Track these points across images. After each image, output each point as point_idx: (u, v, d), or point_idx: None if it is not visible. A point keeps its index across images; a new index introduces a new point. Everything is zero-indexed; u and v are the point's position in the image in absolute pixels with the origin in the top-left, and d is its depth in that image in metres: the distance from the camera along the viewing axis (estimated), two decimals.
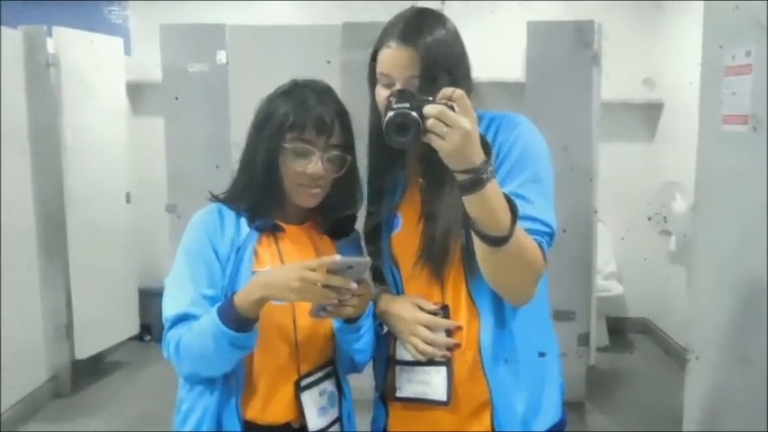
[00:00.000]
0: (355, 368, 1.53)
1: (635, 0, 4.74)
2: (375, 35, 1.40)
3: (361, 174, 1.51)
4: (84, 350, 4.00)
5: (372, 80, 1.41)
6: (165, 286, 1.42)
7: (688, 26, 3.82)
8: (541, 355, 1.42)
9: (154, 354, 4.38)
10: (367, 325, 1.43)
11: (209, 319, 1.30)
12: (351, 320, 1.39)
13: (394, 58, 1.33)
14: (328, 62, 3.23)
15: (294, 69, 1.52)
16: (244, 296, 1.29)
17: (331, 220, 1.52)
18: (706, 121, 2.31)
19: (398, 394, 1.44)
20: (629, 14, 4.75)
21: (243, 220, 1.44)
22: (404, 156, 1.45)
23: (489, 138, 1.34)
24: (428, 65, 1.31)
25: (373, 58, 1.39)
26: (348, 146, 1.46)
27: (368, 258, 1.39)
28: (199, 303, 1.36)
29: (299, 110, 1.40)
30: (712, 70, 2.24)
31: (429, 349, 1.37)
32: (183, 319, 1.35)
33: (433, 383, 1.39)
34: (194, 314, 1.35)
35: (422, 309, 1.41)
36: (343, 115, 1.45)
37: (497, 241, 1.19)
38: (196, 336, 1.32)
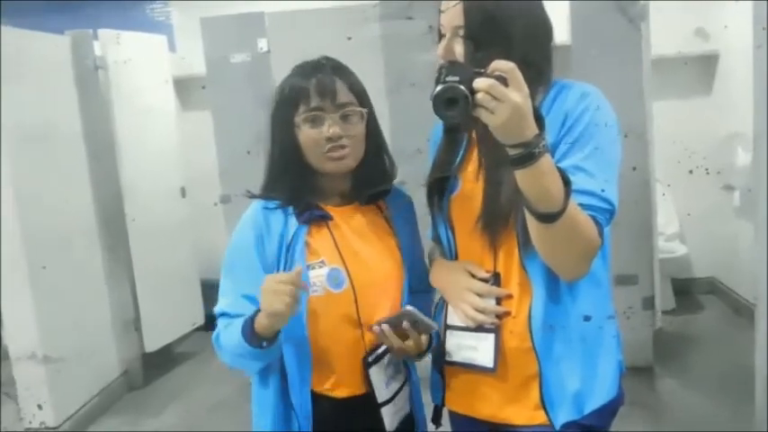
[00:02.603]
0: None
1: None
2: (412, 9, 1.39)
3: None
4: (152, 343, 4.11)
5: (438, 41, 1.41)
6: (220, 286, 1.48)
7: None
8: (587, 319, 1.37)
9: None
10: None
11: (237, 329, 1.37)
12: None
13: (444, 10, 1.35)
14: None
15: (335, 50, 1.52)
16: (258, 319, 1.34)
17: (369, 187, 1.51)
18: (760, 70, 2.21)
19: (448, 359, 1.45)
20: None
21: (291, 217, 1.45)
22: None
23: (556, 106, 1.32)
24: (472, 15, 1.31)
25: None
26: (361, 100, 1.47)
27: (435, 324, 1.42)
28: (237, 304, 1.42)
29: (299, 83, 1.44)
30: (764, 16, 2.14)
31: (479, 316, 1.38)
32: (222, 315, 1.44)
33: (480, 349, 1.39)
34: (233, 313, 1.42)
35: (473, 276, 1.41)
36: (344, 73, 1.47)
37: (549, 217, 1.17)
38: (230, 338, 1.40)
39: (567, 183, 1.17)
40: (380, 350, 1.47)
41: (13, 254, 3.26)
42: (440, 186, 1.46)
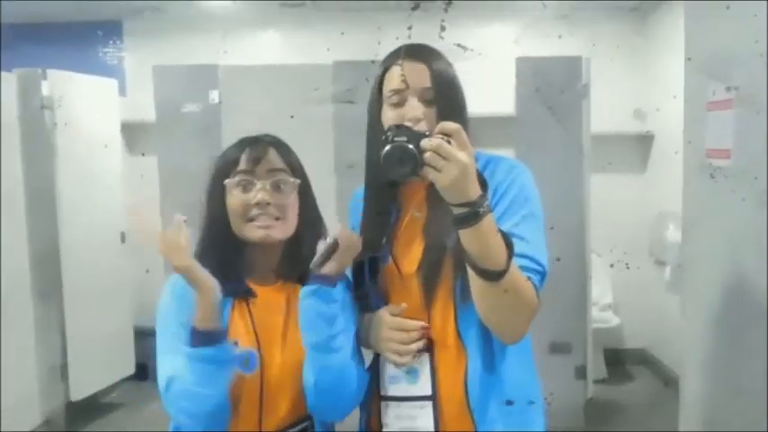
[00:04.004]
0: (335, 410, 1.45)
1: (621, 33, 4.84)
2: (365, 72, 1.43)
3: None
4: (79, 391, 3.97)
5: (374, 110, 1.43)
6: (158, 359, 1.38)
7: (675, 57, 3.88)
8: (530, 401, 1.42)
9: (149, 393, 4.33)
10: (341, 301, 1.38)
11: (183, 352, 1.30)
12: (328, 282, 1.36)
13: (404, 73, 1.37)
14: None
15: (285, 107, 1.55)
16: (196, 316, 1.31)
17: (300, 265, 1.43)
18: (690, 155, 2.33)
19: (385, 429, 1.43)
20: (617, 48, 4.81)
21: None
22: (398, 190, 1.47)
23: (486, 178, 1.36)
24: (439, 77, 1.37)
25: (378, 87, 1.43)
26: (294, 170, 1.46)
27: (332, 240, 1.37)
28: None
29: (232, 151, 1.44)
30: (695, 105, 2.27)
31: (403, 359, 1.37)
32: (172, 380, 1.32)
33: (420, 417, 1.39)
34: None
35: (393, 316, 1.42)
36: (280, 146, 1.47)
37: (493, 276, 1.20)
38: (180, 374, 1.30)
39: (508, 243, 1.21)
40: None
41: None
42: (369, 261, 1.46)
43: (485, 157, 1.44)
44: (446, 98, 1.37)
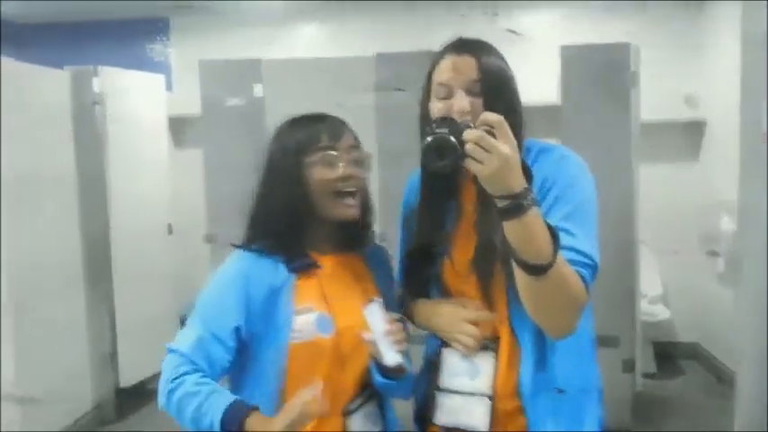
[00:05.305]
0: (404, 393, 1.53)
1: (672, 18, 4.72)
2: (409, 64, 1.41)
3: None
4: (128, 378, 4.08)
5: (424, 102, 1.42)
6: (182, 330, 1.44)
7: (727, 42, 3.77)
8: (584, 391, 1.40)
9: None
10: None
11: (211, 409, 1.30)
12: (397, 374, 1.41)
13: (452, 67, 1.36)
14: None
15: (328, 100, 1.55)
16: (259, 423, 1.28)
17: (357, 236, 1.53)
18: (747, 140, 2.26)
19: (438, 421, 1.43)
20: (667, 33, 4.71)
21: (280, 265, 1.44)
22: (455, 182, 1.45)
23: (535, 169, 1.32)
24: (487, 70, 1.35)
25: (429, 80, 1.42)
26: (361, 145, 1.50)
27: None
28: (199, 347, 1.38)
29: (308, 128, 1.46)
30: (752, 88, 2.19)
31: (471, 342, 1.38)
32: (181, 362, 1.38)
33: (474, 413, 1.38)
34: (190, 369, 1.36)
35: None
36: (342, 120, 1.50)
37: (538, 270, 1.17)
38: (190, 408, 1.32)
39: (554, 236, 1.18)
40: (361, 399, 1.45)
41: None
42: (428, 252, 1.46)
43: (537, 146, 1.41)
44: (494, 91, 1.34)
